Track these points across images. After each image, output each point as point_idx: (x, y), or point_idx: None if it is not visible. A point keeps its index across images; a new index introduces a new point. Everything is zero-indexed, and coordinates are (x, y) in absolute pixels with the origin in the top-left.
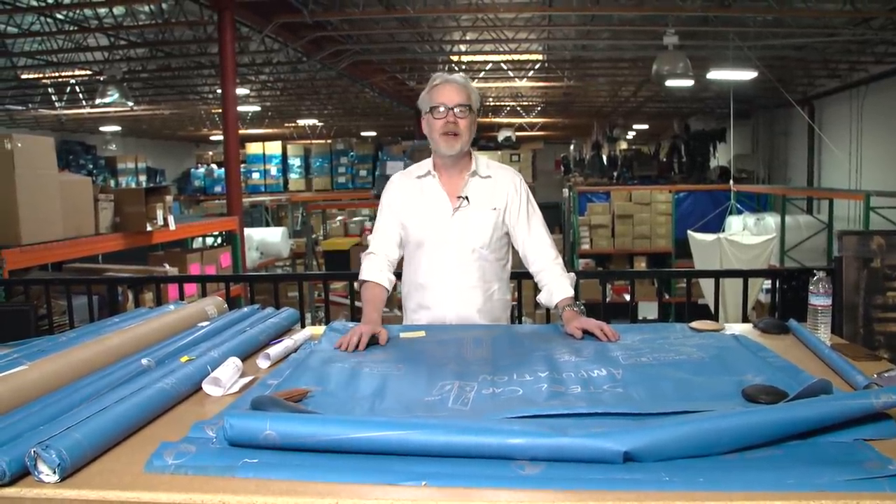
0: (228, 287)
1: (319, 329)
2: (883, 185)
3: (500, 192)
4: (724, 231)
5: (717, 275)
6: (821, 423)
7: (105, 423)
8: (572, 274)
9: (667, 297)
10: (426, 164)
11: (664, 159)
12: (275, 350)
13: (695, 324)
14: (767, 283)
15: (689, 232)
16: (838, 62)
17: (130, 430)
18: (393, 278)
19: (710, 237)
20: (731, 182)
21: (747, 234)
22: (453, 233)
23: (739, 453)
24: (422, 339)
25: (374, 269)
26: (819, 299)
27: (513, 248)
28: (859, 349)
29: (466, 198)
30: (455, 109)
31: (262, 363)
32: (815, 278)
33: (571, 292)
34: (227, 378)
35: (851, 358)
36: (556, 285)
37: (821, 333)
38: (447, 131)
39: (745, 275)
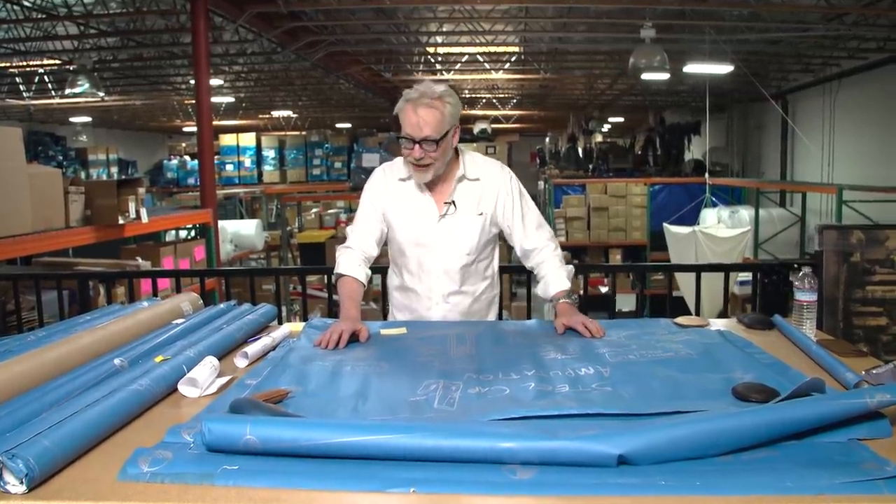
0: (203, 281)
1: (298, 326)
2: (854, 178)
3: (489, 195)
4: (698, 224)
5: (698, 269)
6: (817, 423)
7: (76, 428)
8: (570, 266)
9: (641, 288)
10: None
11: (639, 152)
12: (252, 348)
13: (680, 319)
14: (742, 276)
15: (665, 225)
16: (811, 57)
17: (103, 435)
18: (369, 273)
19: (685, 230)
20: (707, 175)
21: (722, 227)
22: (439, 239)
23: (735, 455)
24: (403, 336)
25: (352, 263)
26: (804, 295)
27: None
28: (845, 345)
29: (454, 203)
30: (422, 144)
31: (240, 362)
32: (801, 274)
33: (567, 284)
34: (203, 378)
35: (838, 354)
36: (552, 277)
37: (806, 329)
38: (413, 163)
39: (727, 268)
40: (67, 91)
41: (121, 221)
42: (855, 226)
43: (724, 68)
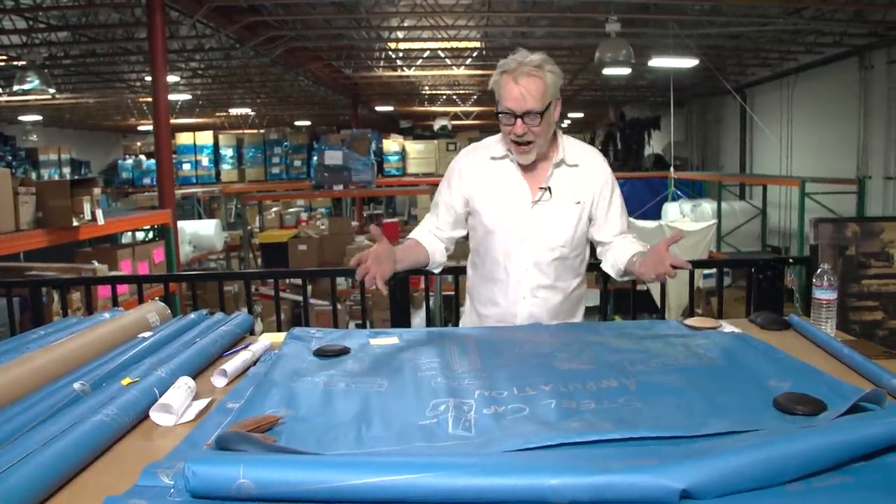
0: (168, 286)
1: (279, 336)
2: (812, 171)
3: (588, 183)
4: (661, 218)
5: (693, 266)
6: (891, 443)
7: (30, 473)
8: (641, 246)
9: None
10: (505, 143)
11: (599, 147)
12: (231, 365)
13: (690, 321)
14: (708, 269)
15: (631, 219)
16: (769, 51)
17: (63, 480)
18: (440, 246)
19: (652, 224)
20: (672, 169)
21: (687, 221)
22: (531, 228)
23: (805, 481)
24: (397, 347)
25: (419, 232)
26: (824, 293)
27: None
28: (871, 346)
29: (549, 189)
30: (524, 118)
31: (218, 381)
32: (820, 271)
33: (640, 247)
34: (178, 403)
35: (867, 356)
36: (625, 245)
37: (827, 329)
38: (515, 141)
39: (721, 265)
40: (16, 88)
41: (75, 223)
42: (850, 218)
43: (690, 62)
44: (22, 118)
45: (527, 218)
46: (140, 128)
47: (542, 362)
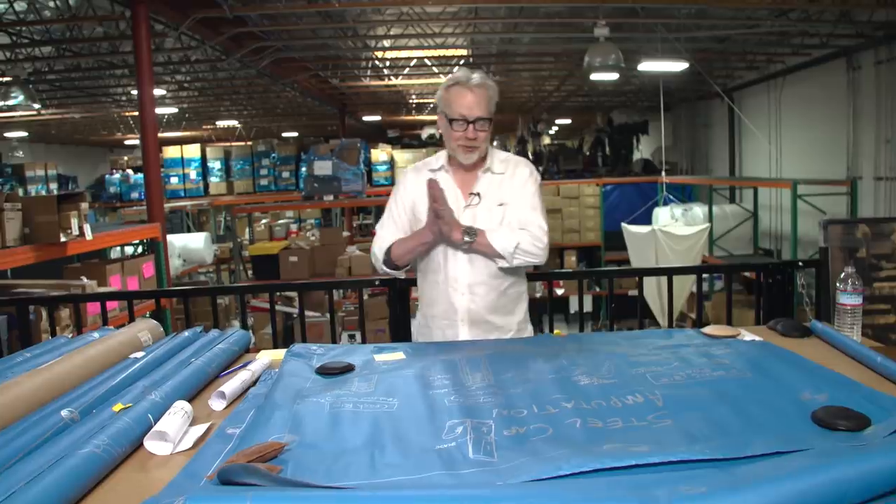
0: (159, 302)
1: (279, 354)
2: (801, 173)
3: (510, 187)
4: (652, 222)
5: (700, 270)
6: None
7: None
8: (519, 240)
9: (597, 288)
10: (441, 156)
11: (588, 153)
12: (230, 386)
13: (708, 329)
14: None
15: (624, 225)
16: (756, 54)
17: None
18: None
19: (644, 229)
20: (663, 174)
21: (679, 225)
22: None
23: None
24: (405, 363)
25: (389, 240)
26: (850, 297)
27: None
28: None
29: (478, 194)
30: (475, 124)
31: (217, 404)
32: (844, 275)
33: (495, 240)
34: (175, 430)
35: None
36: (496, 231)
37: (854, 336)
38: (465, 144)
39: (730, 269)
40: (0, 104)
41: (63, 239)
42: (860, 219)
43: (681, 65)
44: (8, 135)
45: (459, 220)
46: (127, 142)
47: (559, 377)
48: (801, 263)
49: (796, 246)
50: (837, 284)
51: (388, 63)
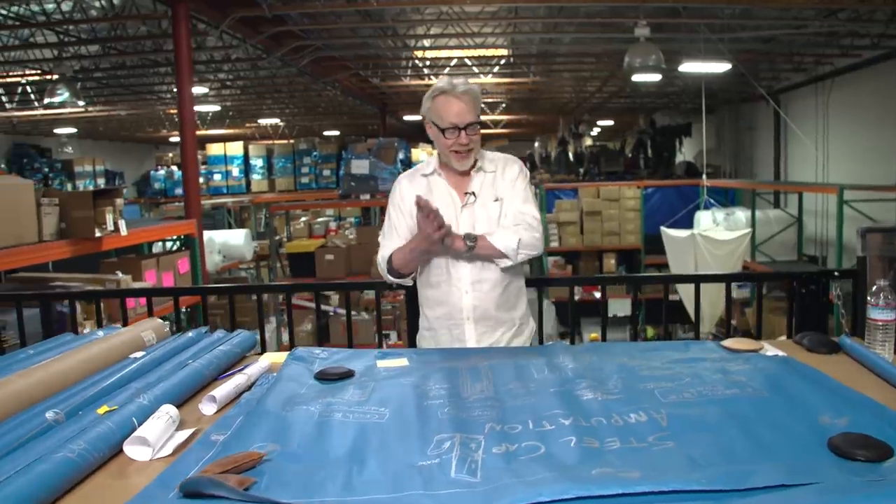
0: (177, 301)
1: (280, 357)
2: (850, 178)
3: (503, 182)
4: (693, 226)
5: (728, 279)
6: None
7: None
8: (518, 238)
9: (637, 293)
10: (432, 162)
11: (630, 155)
12: (222, 390)
13: (729, 342)
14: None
15: (663, 228)
16: (804, 55)
17: None
18: None
19: (683, 233)
20: (704, 177)
21: (719, 230)
22: (463, 228)
23: None
24: (407, 371)
25: (391, 249)
26: (881, 312)
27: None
28: None
29: (473, 193)
30: (467, 129)
31: (207, 408)
32: (876, 288)
33: (492, 241)
34: (156, 435)
35: None
36: (495, 233)
37: (885, 353)
38: (459, 150)
39: (760, 278)
40: (47, 101)
41: (98, 234)
42: None
43: (723, 66)
44: (57, 131)
45: (458, 219)
46: (172, 139)
47: (562, 391)
48: (836, 273)
49: (842, 254)
50: (868, 298)
51: (427, 63)
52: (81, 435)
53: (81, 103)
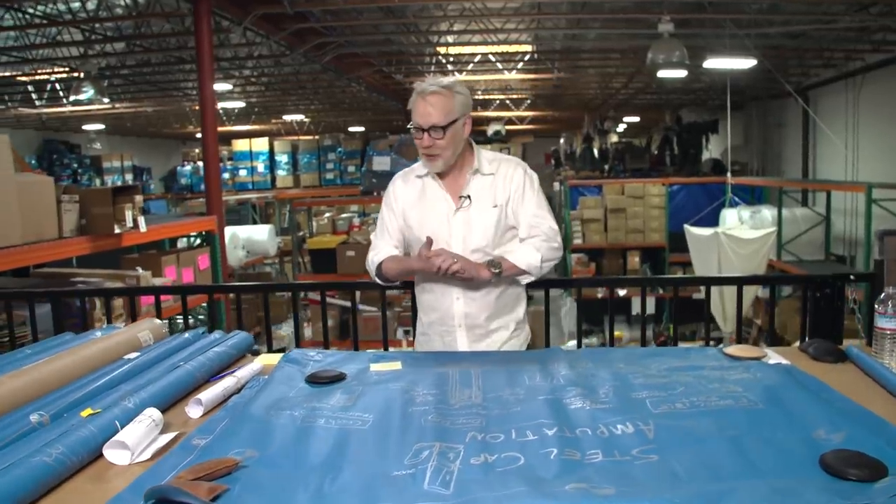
0: (185, 300)
1: (273, 358)
2: (880, 176)
3: (503, 187)
4: (719, 224)
5: (741, 282)
6: None
7: None
8: (541, 252)
9: (661, 291)
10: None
11: (656, 152)
12: (209, 394)
13: (731, 350)
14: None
15: (686, 226)
16: (834, 51)
17: None
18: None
19: (707, 232)
20: (729, 174)
21: (744, 228)
22: (456, 232)
23: None
24: (398, 375)
25: (382, 253)
26: (888, 321)
27: None
28: None
29: (468, 197)
30: (429, 132)
31: (193, 412)
32: (884, 296)
33: (515, 261)
34: (136, 440)
35: None
36: (515, 251)
37: (893, 364)
38: (424, 152)
39: (773, 281)
40: (73, 98)
41: (117, 230)
42: None
43: (748, 62)
44: (85, 127)
45: (450, 224)
46: (198, 135)
47: (551, 398)
48: (852, 277)
49: (869, 254)
50: (876, 306)
51: (451, 59)
52: (61, 438)
53: (106, 100)
